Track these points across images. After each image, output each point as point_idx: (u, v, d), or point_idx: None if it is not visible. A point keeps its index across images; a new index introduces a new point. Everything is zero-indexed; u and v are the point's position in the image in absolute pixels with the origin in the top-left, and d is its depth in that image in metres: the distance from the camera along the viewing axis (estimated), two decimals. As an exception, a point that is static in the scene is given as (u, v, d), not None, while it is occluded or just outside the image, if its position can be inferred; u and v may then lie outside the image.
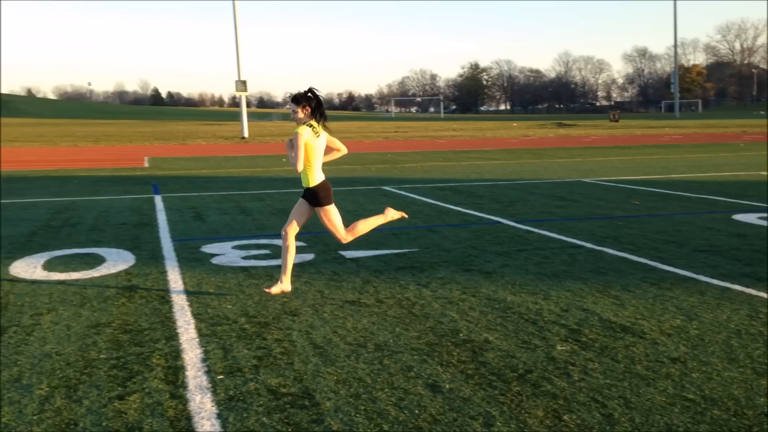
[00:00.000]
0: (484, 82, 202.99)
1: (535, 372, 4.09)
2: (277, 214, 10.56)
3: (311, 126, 5.51)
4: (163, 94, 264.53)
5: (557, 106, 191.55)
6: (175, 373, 4.12)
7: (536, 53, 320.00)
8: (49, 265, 7.12)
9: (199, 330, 4.96)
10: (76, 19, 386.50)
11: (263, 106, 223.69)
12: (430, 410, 3.57)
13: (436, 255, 7.43)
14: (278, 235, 8.70)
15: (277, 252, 7.64)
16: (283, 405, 3.66)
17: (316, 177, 5.66)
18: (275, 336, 4.80)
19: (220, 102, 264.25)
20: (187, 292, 6.00)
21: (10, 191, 14.33)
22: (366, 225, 6.03)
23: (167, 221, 10.03)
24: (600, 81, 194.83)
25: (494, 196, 12.72)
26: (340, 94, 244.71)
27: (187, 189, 14.48)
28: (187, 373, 4.13)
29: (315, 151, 5.57)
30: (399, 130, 55.06)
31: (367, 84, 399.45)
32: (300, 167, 5.49)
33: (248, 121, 44.59)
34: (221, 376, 4.06)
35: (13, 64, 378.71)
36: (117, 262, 7.26)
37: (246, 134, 42.27)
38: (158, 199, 12.68)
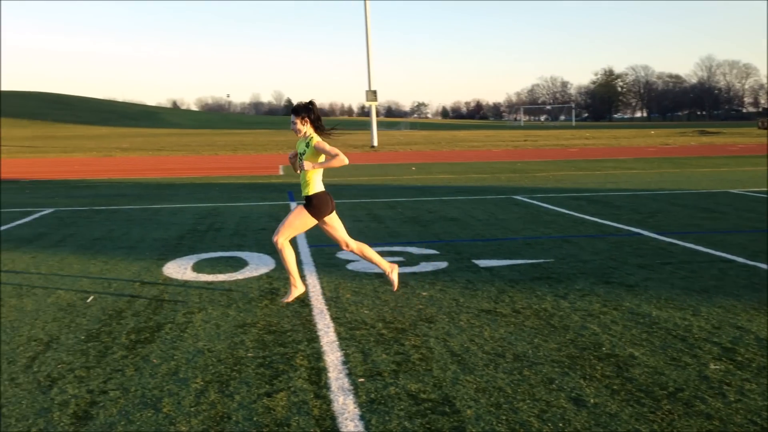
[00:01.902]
0: (619, 89, 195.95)
1: (686, 390, 3.89)
2: (409, 223, 10.66)
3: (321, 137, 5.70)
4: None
5: (699, 113, 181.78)
6: (318, 374, 4.25)
7: (675, 58, 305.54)
8: (197, 267, 7.53)
9: (338, 333, 5.08)
10: (217, 35, 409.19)
11: (391, 115, 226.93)
12: (574, 424, 3.48)
13: (573, 266, 7.23)
14: (411, 243, 8.79)
15: (412, 260, 7.72)
16: (423, 410, 3.68)
17: (316, 186, 5.76)
18: (412, 342, 4.84)
19: (350, 111, 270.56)
20: (326, 297, 6.17)
21: (160, 197, 15.31)
22: (371, 254, 6.00)
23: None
24: (747, 86, 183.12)
25: (633, 206, 12.24)
26: (467, 103, 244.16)
27: (321, 196, 14.90)
28: (329, 374, 4.24)
29: (320, 161, 5.67)
30: (528, 139, 54.18)
31: (495, 92, 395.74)
32: (344, 157, 5.55)
33: (377, 130, 45.34)
34: (362, 379, 4.14)
35: (161, 78, 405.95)
36: (259, 265, 7.57)
37: (375, 143, 43.02)
38: (293, 206, 13.13)
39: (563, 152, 34.43)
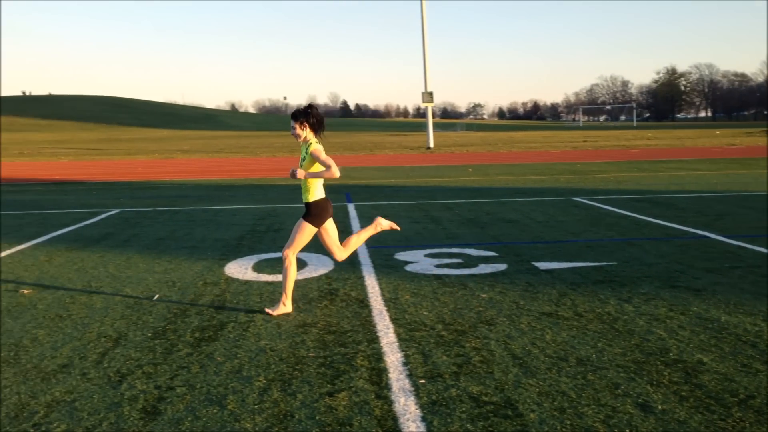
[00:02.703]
0: (682, 88, 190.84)
1: (758, 398, 3.76)
2: (467, 224, 10.60)
3: (319, 143, 5.61)
4: (351, 106, 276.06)
5: (766, 112, 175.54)
6: (378, 375, 4.26)
7: (741, 56, 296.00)
8: (257, 267, 7.65)
9: (398, 334, 5.09)
10: (274, 38, 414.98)
11: (447, 116, 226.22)
12: (641, 430, 3.40)
13: (637, 269, 7.07)
14: (470, 244, 8.74)
15: (470, 261, 7.67)
16: (486, 413, 3.65)
17: (316, 193, 5.64)
18: (473, 344, 4.81)
19: (405, 113, 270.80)
20: (385, 298, 6.18)
21: (220, 198, 15.61)
22: (359, 240, 5.91)
23: (360, 228, 10.39)
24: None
25: (699, 208, 11.90)
26: (524, 103, 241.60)
27: (377, 198, 14.96)
28: (390, 375, 4.25)
29: (320, 168, 5.56)
30: (588, 140, 53.26)
31: (553, 92, 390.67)
32: (336, 170, 5.44)
33: (433, 131, 45.25)
34: (423, 381, 4.14)
35: (221, 82, 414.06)
36: (318, 266, 7.64)
37: (432, 144, 42.95)
38: (351, 207, 13.21)
39: (624, 153, 33.72)
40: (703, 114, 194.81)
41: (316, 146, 5.51)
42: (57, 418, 3.72)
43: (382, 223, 6.00)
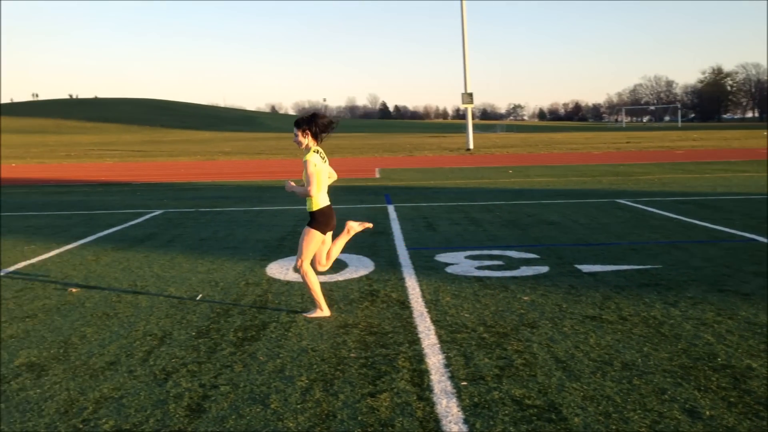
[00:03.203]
0: (728, 88, 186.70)
1: (812, 407, 3.65)
2: (508, 226, 10.52)
3: (318, 152, 5.54)
4: (390, 108, 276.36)
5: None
6: (420, 376, 4.25)
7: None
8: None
9: (439, 336, 5.07)
10: (314, 43, 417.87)
11: (487, 117, 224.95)
12: (689, 438, 3.33)
13: (683, 273, 6.93)
14: (510, 246, 8.67)
15: (511, 263, 7.62)
16: (529, 416, 3.62)
17: (319, 201, 5.58)
18: (515, 347, 4.77)
19: (444, 114, 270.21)
20: (425, 299, 6.17)
21: (261, 199, 15.76)
22: (337, 249, 5.83)
23: (401, 230, 10.41)
24: None
25: (747, 211, 11.62)
26: (565, 104, 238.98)
27: (417, 199, 14.94)
28: (432, 377, 4.24)
29: (321, 177, 5.52)
30: (631, 141, 52.44)
31: (595, 93, 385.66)
32: (314, 193, 5.46)
33: (473, 132, 45.05)
34: (465, 383, 4.12)
35: (261, 84, 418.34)
36: (358, 267, 7.66)
37: (471, 146, 42.76)
38: (391, 209, 13.21)
39: (669, 154, 33.12)
40: (750, 114, 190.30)
41: (309, 158, 5.46)
42: (105, 415, 3.80)
43: (354, 227, 5.95)
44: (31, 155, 48.01)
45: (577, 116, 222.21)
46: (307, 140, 5.54)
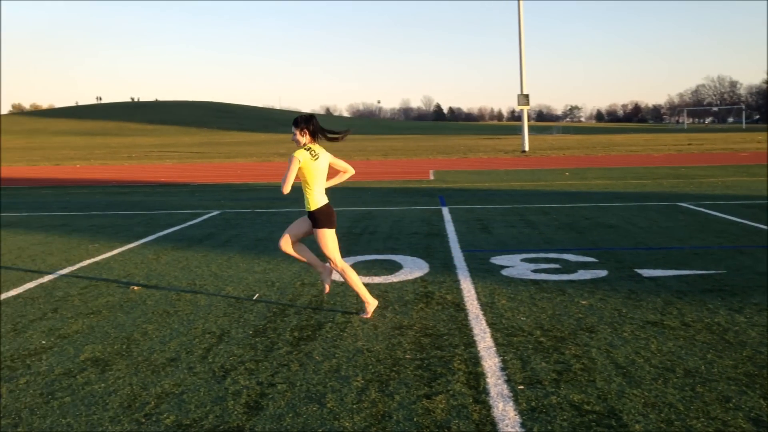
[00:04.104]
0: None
1: None
2: (564, 229, 10.36)
3: (309, 149, 5.53)
4: (445, 110, 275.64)
5: None
6: (476, 379, 4.22)
7: None
8: (354, 269, 7.72)
9: (495, 339, 5.03)
10: (368, 46, 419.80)
11: (542, 119, 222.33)
12: (757, 449, 3.22)
13: (749, 278, 6.71)
14: (568, 250, 8.54)
15: (569, 267, 7.50)
16: (588, 422, 3.55)
17: (317, 200, 5.61)
18: (573, 351, 4.69)
19: (499, 116, 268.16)
20: (481, 302, 6.13)
21: (317, 200, 15.88)
22: (354, 281, 5.75)
23: (455, 232, 10.36)
24: None
25: (815, 215, 11.18)
26: (624, 105, 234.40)
27: (472, 201, 14.85)
28: (488, 380, 4.20)
29: (314, 174, 5.55)
30: (693, 143, 51.07)
31: (655, 93, 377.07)
32: (286, 190, 5.53)
33: (528, 134, 44.56)
34: (521, 387, 4.07)
35: (316, 87, 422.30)
36: (413, 269, 7.65)
37: (527, 148, 42.31)
38: (445, 211, 13.16)
39: (733, 157, 32.12)
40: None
41: (295, 154, 5.55)
42: (166, 410, 3.88)
43: (371, 305, 5.82)
44: (95, 157, 49.52)
45: (636, 117, 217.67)
46: (305, 139, 5.63)
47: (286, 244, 5.82)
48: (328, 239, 5.67)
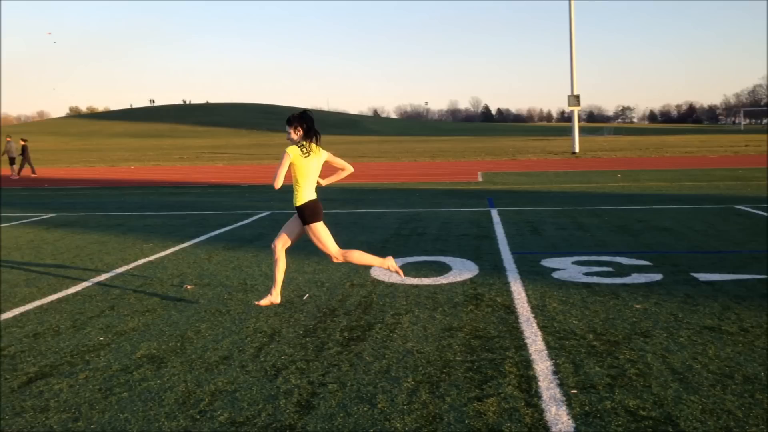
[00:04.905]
0: None
1: None
2: (617, 232, 10.18)
3: (302, 146, 5.66)
4: (493, 111, 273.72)
5: None
6: (528, 382, 4.18)
7: None
8: (403, 270, 7.71)
9: (546, 342, 4.97)
10: (415, 47, 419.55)
11: (593, 120, 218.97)
12: (822, 460, 3.11)
13: (811, 283, 6.49)
14: (621, 253, 8.40)
15: (622, 270, 7.37)
16: (643, 428, 3.48)
17: (304, 196, 5.69)
18: (627, 356, 4.61)
19: (548, 117, 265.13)
20: (531, 304, 6.06)
21: (364, 202, 15.96)
22: (361, 258, 5.92)
23: (504, 234, 10.27)
24: None
25: None
26: (678, 106, 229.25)
27: (521, 203, 14.71)
28: (540, 383, 4.16)
29: (304, 171, 5.66)
30: (750, 144, 49.66)
31: (710, 93, 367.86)
32: (277, 185, 5.65)
33: (579, 135, 43.93)
34: (575, 391, 4.01)
35: (364, 88, 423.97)
36: (462, 271, 7.61)
37: (577, 149, 41.73)
38: (494, 212, 13.06)
39: (791, 158, 31.11)
40: None
41: (287, 151, 5.69)
42: (220, 407, 3.94)
43: (390, 264, 6.02)
44: (148, 158, 50.63)
45: (690, 118, 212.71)
46: (298, 136, 5.75)
47: (284, 243, 5.98)
48: (320, 232, 5.84)
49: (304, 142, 5.74)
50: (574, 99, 40.95)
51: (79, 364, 4.78)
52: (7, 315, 6.18)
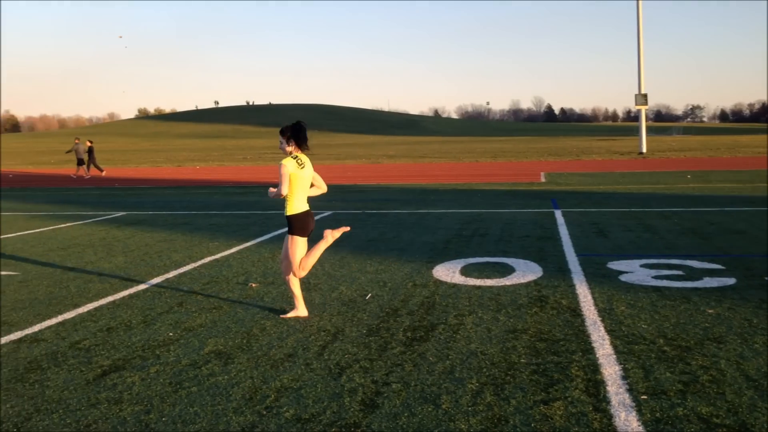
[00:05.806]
0: None
1: None
2: (687, 234, 9.89)
3: (296, 158, 5.72)
4: (556, 111, 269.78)
5: None
6: (595, 387, 4.09)
7: None
8: (465, 271, 7.68)
9: (614, 347, 4.86)
10: (477, 46, 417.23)
11: (661, 119, 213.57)
12: None
13: None
14: (691, 256, 8.16)
15: (693, 274, 7.16)
16: (718, 438, 3.37)
17: (296, 206, 5.74)
18: (699, 362, 4.47)
19: (614, 116, 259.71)
20: (598, 308, 5.94)
21: (425, 202, 15.93)
22: (313, 258, 5.81)
23: (569, 235, 10.10)
24: None
25: None
26: (751, 104, 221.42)
27: (586, 204, 14.43)
28: (608, 388, 4.07)
29: (298, 182, 5.65)
30: (826, 143, 47.54)
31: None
32: (285, 192, 5.70)
33: (646, 135, 42.83)
34: (645, 397, 3.91)
35: (424, 88, 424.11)
36: (526, 272, 7.52)
37: (644, 149, 40.71)
38: (558, 214, 12.85)
39: None
40: None
41: (284, 162, 5.72)
42: (285, 404, 3.99)
43: (332, 234, 5.98)
44: (212, 158, 51.74)
45: (764, 117, 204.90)
46: (291, 147, 5.80)
47: (302, 270, 5.91)
48: (296, 248, 5.84)
49: (299, 154, 5.83)
50: (642, 98, 39.94)
51: (150, 358, 4.91)
52: (82, 309, 6.41)
